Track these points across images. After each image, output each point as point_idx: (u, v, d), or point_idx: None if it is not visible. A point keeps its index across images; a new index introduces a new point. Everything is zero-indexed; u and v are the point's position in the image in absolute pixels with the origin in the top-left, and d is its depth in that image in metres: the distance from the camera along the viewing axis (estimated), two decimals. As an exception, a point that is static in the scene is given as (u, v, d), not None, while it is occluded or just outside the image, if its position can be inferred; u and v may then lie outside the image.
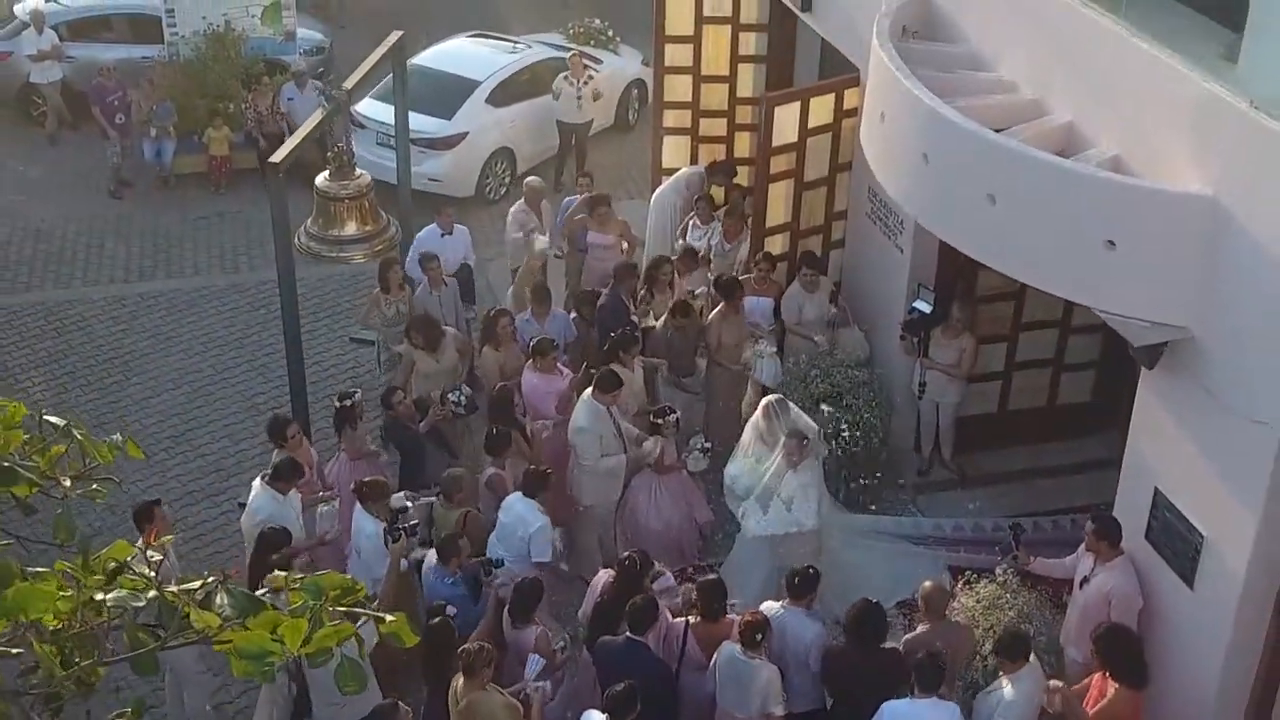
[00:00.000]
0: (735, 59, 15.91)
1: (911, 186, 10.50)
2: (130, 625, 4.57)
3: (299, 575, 4.52)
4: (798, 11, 14.47)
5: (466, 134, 18.82)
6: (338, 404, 12.32)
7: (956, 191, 9.93)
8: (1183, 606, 9.61)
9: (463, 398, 12.64)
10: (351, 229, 12.54)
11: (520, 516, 10.95)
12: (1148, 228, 8.96)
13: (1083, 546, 10.15)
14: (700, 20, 15.68)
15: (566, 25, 22.01)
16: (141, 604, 4.47)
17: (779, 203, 13.79)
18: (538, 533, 10.87)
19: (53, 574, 4.50)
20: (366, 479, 11.26)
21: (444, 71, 19.39)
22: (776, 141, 13.32)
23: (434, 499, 11.48)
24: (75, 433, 4.93)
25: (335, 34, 23.56)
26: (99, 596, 4.49)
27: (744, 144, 16.21)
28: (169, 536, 9.27)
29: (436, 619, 9.69)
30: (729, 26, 15.71)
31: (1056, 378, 13.44)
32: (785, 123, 13.30)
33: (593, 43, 21.37)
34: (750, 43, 15.85)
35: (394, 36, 14.03)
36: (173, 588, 4.51)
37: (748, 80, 16.04)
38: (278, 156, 12.04)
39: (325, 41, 22.56)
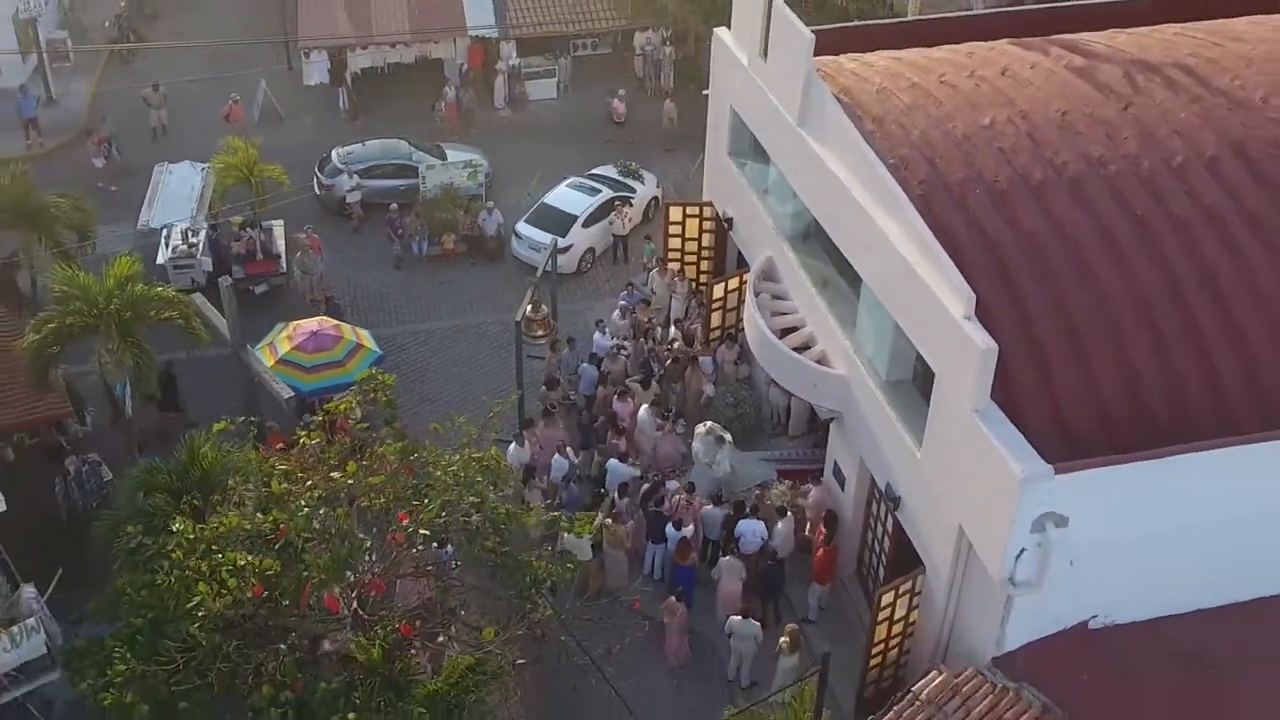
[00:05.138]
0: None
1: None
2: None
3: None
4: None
5: (572, 244, 37.12)
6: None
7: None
8: (846, 504, 28.76)
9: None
10: (540, 334, 31.86)
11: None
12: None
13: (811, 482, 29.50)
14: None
15: (618, 162, 40.41)
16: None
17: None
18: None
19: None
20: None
21: (560, 209, 37.69)
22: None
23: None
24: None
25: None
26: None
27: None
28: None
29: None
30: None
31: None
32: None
33: (630, 177, 39.82)
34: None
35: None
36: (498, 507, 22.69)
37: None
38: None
39: (488, 169, 40.97)
